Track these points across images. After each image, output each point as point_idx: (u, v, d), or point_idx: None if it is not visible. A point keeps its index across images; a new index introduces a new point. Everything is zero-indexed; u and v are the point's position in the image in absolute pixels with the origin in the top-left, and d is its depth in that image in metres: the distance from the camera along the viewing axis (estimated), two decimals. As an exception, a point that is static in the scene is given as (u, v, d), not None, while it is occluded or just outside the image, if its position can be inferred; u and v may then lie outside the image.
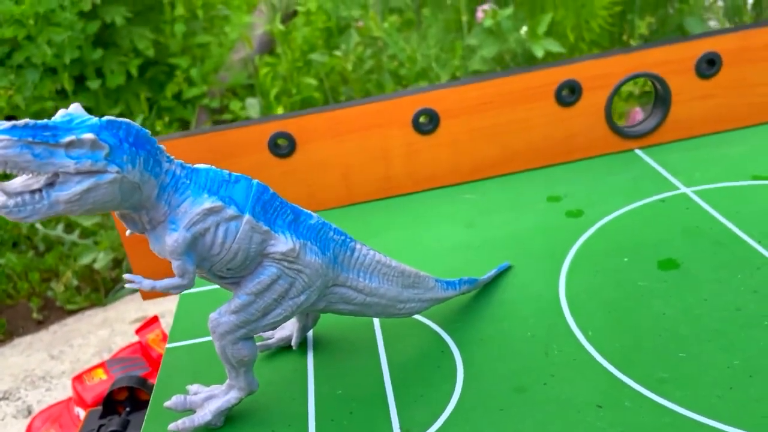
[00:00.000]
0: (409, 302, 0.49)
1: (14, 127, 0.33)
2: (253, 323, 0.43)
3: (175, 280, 0.40)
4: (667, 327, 0.49)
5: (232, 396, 0.45)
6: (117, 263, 1.43)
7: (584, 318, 0.51)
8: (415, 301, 0.49)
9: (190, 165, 0.41)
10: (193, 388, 0.48)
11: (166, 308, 1.18)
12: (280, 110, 1.82)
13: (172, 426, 0.45)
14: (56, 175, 0.35)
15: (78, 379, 0.85)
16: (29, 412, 1.00)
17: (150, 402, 0.50)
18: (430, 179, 0.74)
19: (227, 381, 0.46)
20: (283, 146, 0.72)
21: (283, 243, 0.42)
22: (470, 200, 0.71)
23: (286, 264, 0.42)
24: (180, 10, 2.01)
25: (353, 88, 1.77)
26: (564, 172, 0.73)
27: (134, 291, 1.35)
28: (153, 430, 0.47)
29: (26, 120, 0.33)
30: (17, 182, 0.35)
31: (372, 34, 1.71)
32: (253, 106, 1.77)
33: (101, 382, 0.83)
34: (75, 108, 0.36)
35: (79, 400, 0.83)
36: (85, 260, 1.39)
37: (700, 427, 0.40)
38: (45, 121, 0.34)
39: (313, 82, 1.80)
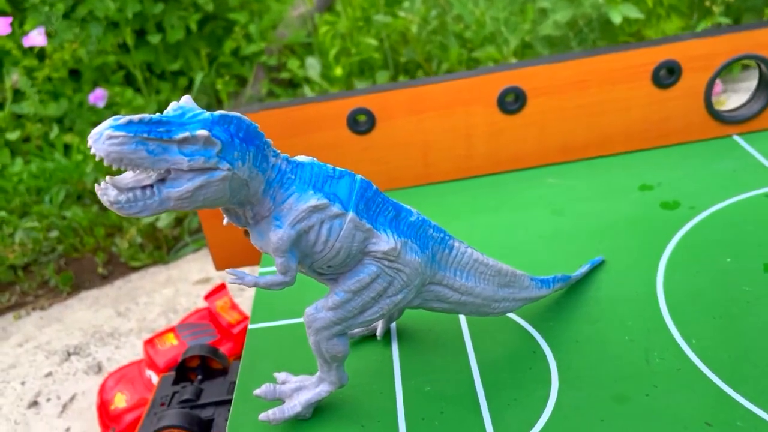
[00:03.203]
0: (503, 302, 0.47)
1: (130, 122, 0.32)
2: (350, 320, 0.42)
3: (277, 277, 0.39)
4: (778, 339, 0.46)
5: (323, 389, 0.45)
6: (179, 222, 1.44)
7: (687, 323, 0.49)
8: (510, 300, 0.48)
9: (294, 159, 0.39)
10: (281, 376, 0.47)
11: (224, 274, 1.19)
12: (338, 71, 1.79)
13: (262, 416, 0.44)
14: (168, 171, 0.34)
15: (150, 343, 0.86)
16: (99, 369, 1.03)
17: (236, 385, 0.50)
18: (513, 160, 0.71)
19: (318, 373, 0.45)
20: (362, 122, 0.70)
21: (384, 242, 0.40)
22: (556, 185, 0.68)
23: (386, 263, 0.40)
24: (240, -36, 1.97)
25: (415, 50, 1.72)
26: (657, 157, 0.69)
27: (196, 250, 1.37)
28: (241, 413, 0.47)
29: (141, 115, 0.32)
30: (128, 177, 0.34)
31: (437, -7, 1.65)
32: (312, 66, 1.74)
33: (172, 347, 0.85)
34: (186, 101, 0.35)
35: (151, 364, 0.85)
36: (148, 218, 1.41)
37: (823, 456, 0.38)
38: (158, 115, 0.33)
39: (373, 42, 1.76)
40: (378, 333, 0.52)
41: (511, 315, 0.52)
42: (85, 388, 0.98)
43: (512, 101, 0.69)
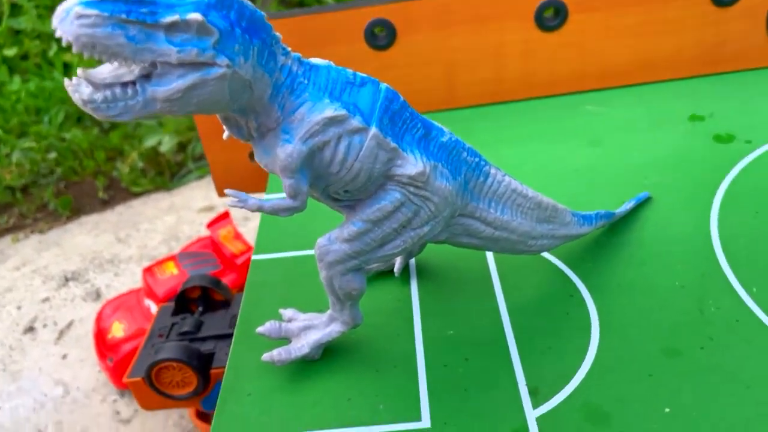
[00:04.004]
0: (541, 239, 0.42)
1: (104, -1, 0.25)
2: (367, 254, 0.36)
3: (285, 201, 0.33)
4: None
5: (334, 329, 0.40)
6: (182, 147, 1.38)
7: (745, 269, 0.43)
8: (548, 237, 0.42)
9: (308, 61, 0.33)
10: (287, 313, 0.43)
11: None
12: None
13: (265, 357, 0.40)
14: (153, 65, 0.27)
15: (149, 271, 0.82)
16: (98, 296, 0.99)
17: (237, 321, 0.45)
18: (549, 84, 0.64)
19: (329, 311, 0.40)
20: (381, 36, 0.63)
21: (411, 164, 0.34)
22: (595, 113, 0.61)
23: (412, 189, 0.35)
24: None
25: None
26: (710, 85, 0.62)
27: (200, 177, 1.31)
28: (242, 352, 0.42)
29: (118, -10, 0.26)
30: (106, 71, 0.28)
31: None
32: (325, -15, 1.63)
33: (172, 276, 0.80)
34: (175, -23, 0.28)
35: (150, 293, 0.80)
36: (150, 142, 1.35)
37: None
38: (141, -8, 0.26)
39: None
40: (396, 269, 0.47)
41: (545, 254, 0.47)
42: (83, 314, 0.95)
43: (551, 17, 0.61)
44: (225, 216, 0.87)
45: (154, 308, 0.80)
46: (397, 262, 0.47)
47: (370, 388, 0.39)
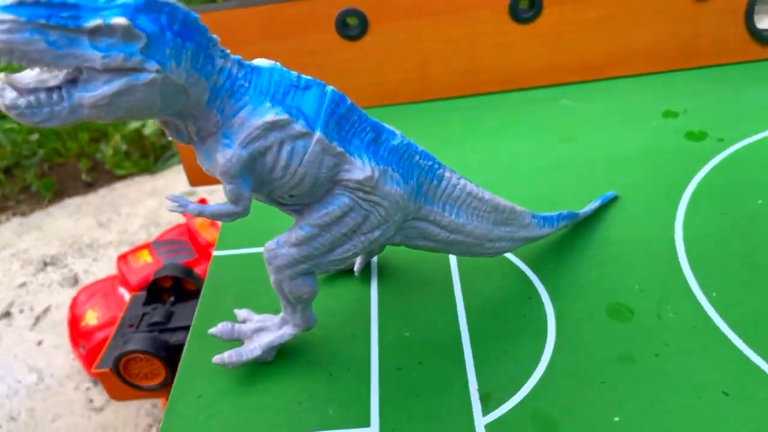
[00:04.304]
0: (498, 241, 0.41)
1: (21, 3, 0.24)
2: (317, 258, 0.35)
3: (227, 207, 0.32)
4: (812, 297, 0.40)
5: (286, 332, 0.39)
6: (166, 130, 1.37)
7: (707, 273, 0.43)
8: (506, 240, 0.41)
9: (249, 62, 0.32)
10: (242, 313, 0.42)
11: (216, 186, 1.13)
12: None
13: (216, 359, 0.39)
14: (79, 69, 0.26)
15: (123, 258, 0.81)
16: (75, 281, 0.98)
17: (193, 320, 0.45)
18: (523, 77, 0.63)
19: (281, 314, 0.40)
20: (352, 26, 0.61)
21: (359, 169, 0.33)
22: (569, 107, 0.60)
23: (361, 194, 0.34)
24: None
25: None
26: (686, 80, 0.61)
27: (183, 161, 1.30)
28: (196, 352, 0.42)
29: (38, -7, 0.25)
30: (30, 75, 0.27)
31: None
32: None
33: (146, 265, 0.80)
34: (102, -23, 0.27)
35: (123, 281, 0.80)
36: (134, 124, 1.33)
37: None
38: (63, -4, 0.25)
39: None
40: (356, 269, 0.46)
41: (507, 255, 0.46)
42: (60, 300, 0.94)
43: (526, 8, 0.60)
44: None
45: (128, 296, 0.80)
46: (357, 262, 0.46)
47: (321, 392, 0.38)
